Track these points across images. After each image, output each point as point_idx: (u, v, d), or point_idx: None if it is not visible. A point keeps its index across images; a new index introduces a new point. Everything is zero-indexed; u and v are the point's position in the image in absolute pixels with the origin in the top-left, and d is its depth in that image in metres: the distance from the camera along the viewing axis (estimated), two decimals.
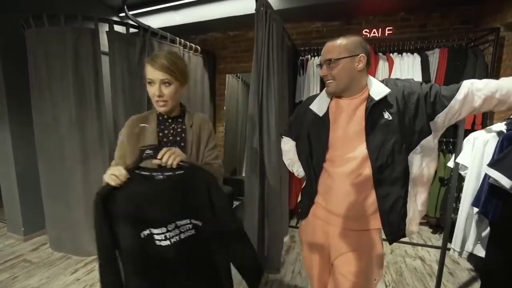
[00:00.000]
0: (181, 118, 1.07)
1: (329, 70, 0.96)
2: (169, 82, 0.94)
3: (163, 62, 0.92)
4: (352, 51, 0.93)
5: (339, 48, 0.94)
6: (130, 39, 2.27)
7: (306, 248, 1.15)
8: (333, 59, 0.93)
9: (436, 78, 2.39)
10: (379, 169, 0.91)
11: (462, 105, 0.86)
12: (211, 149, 1.09)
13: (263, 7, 1.77)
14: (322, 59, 0.99)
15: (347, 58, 0.93)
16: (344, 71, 0.94)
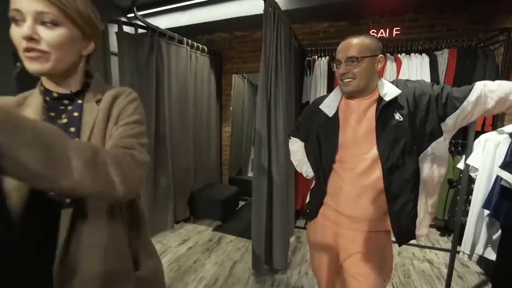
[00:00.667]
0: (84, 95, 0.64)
1: (352, 68, 0.92)
2: (53, 22, 0.53)
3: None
4: (374, 50, 0.92)
5: (362, 46, 0.91)
6: (138, 40, 2.29)
7: (315, 249, 1.14)
8: (359, 57, 0.91)
9: (445, 79, 2.37)
10: (389, 171, 0.90)
11: (475, 107, 0.86)
12: (123, 126, 0.61)
13: (272, 8, 1.77)
14: (342, 56, 0.94)
15: (370, 57, 0.91)
16: (366, 70, 0.92)
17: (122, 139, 0.58)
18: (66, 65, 0.58)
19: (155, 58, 2.41)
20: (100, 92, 0.64)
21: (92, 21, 0.61)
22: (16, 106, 0.60)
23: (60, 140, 0.42)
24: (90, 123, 0.60)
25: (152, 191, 2.52)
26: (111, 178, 0.48)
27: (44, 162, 0.39)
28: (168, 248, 2.41)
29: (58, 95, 0.61)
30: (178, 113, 2.74)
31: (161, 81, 2.51)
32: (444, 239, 2.67)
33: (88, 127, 0.60)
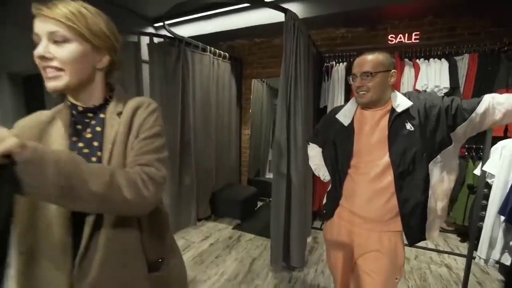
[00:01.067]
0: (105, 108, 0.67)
1: (366, 82, 1.02)
2: (63, 39, 0.57)
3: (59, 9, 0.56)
4: (387, 66, 1.02)
5: (376, 62, 1.01)
6: (167, 49, 2.49)
7: (331, 247, 1.24)
8: (372, 72, 1.01)
9: (465, 84, 2.36)
10: (400, 176, 0.99)
11: (483, 118, 0.92)
12: (143, 139, 0.64)
13: (292, 20, 1.88)
14: (358, 71, 1.04)
15: (383, 72, 1.01)
16: (380, 84, 1.01)
17: (141, 156, 0.62)
18: (81, 79, 0.61)
19: (181, 66, 2.59)
20: (121, 104, 0.67)
21: (105, 35, 0.63)
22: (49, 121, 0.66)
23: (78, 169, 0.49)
24: (111, 137, 0.63)
25: (177, 190, 2.71)
26: (126, 199, 0.54)
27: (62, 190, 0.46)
28: (192, 243, 2.58)
29: (83, 109, 0.65)
30: (202, 118, 2.91)
31: (187, 88, 2.69)
32: (464, 245, 2.64)
33: (110, 141, 0.63)
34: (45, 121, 0.65)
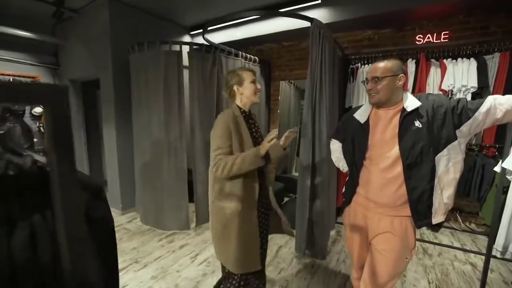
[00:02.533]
0: (250, 115, 1.46)
1: (375, 85, 1.20)
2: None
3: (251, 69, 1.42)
4: (395, 71, 1.18)
5: (384, 68, 1.18)
6: (204, 56, 2.79)
7: (349, 229, 1.42)
8: (380, 77, 1.18)
9: (496, 84, 2.34)
10: (409, 167, 1.14)
11: (486, 117, 1.04)
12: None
13: (317, 28, 2.06)
14: (369, 76, 1.23)
15: (390, 77, 1.18)
16: (387, 87, 1.18)
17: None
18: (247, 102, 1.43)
19: (216, 71, 2.88)
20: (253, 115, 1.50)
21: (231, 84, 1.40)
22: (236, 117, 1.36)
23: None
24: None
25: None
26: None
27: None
28: None
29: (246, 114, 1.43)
30: None
31: (221, 90, 2.98)
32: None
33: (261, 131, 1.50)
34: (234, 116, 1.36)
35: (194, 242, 2.62)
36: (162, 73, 2.65)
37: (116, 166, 3.21)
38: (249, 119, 1.45)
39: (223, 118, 1.33)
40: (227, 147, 1.30)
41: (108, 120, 3.22)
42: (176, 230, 2.86)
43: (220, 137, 1.30)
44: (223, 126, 1.31)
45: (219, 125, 1.32)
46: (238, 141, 1.32)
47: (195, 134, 2.80)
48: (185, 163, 2.79)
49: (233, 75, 1.39)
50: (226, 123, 1.31)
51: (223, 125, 1.31)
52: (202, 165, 2.87)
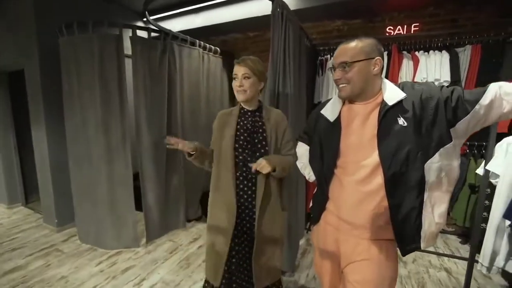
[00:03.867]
0: (258, 112, 1.29)
1: (344, 73, 0.92)
2: (247, 76, 1.20)
3: (247, 61, 1.20)
4: (368, 53, 0.90)
5: (354, 50, 0.90)
6: (151, 43, 2.36)
7: (318, 253, 1.13)
8: (348, 62, 0.90)
9: (467, 77, 2.22)
10: (392, 178, 0.86)
11: (489, 111, 0.79)
12: (288, 141, 1.29)
13: (279, 8, 1.75)
14: (336, 62, 0.95)
15: (363, 61, 0.89)
16: (360, 74, 0.90)
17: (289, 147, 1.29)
18: (252, 96, 1.24)
19: (167, 61, 2.47)
20: (267, 113, 1.29)
21: (263, 72, 1.25)
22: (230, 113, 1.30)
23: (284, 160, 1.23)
24: (269, 132, 1.25)
25: (164, 190, 2.59)
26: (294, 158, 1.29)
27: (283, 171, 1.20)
28: (179, 246, 2.47)
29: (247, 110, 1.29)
30: (190, 114, 2.79)
31: (173, 83, 2.56)
32: (465, 247, 2.51)
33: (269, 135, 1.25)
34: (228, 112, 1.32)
35: (142, 263, 2.20)
36: (97, 62, 2.18)
37: (49, 175, 2.66)
38: (250, 116, 1.29)
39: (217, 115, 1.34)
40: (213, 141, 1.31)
41: (37, 120, 2.66)
42: (122, 248, 2.41)
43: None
44: (214, 123, 1.33)
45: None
46: (218, 139, 1.28)
47: (141, 134, 2.36)
48: (129, 168, 2.35)
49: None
50: (215, 121, 1.32)
51: (214, 123, 1.33)
52: (152, 169, 2.45)
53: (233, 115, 1.28)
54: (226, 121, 1.27)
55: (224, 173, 1.24)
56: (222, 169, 1.25)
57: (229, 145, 1.22)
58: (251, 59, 1.21)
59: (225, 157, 1.23)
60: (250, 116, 1.28)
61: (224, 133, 1.26)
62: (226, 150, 1.23)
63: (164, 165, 2.56)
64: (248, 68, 1.19)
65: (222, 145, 1.25)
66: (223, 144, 1.25)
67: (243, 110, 1.29)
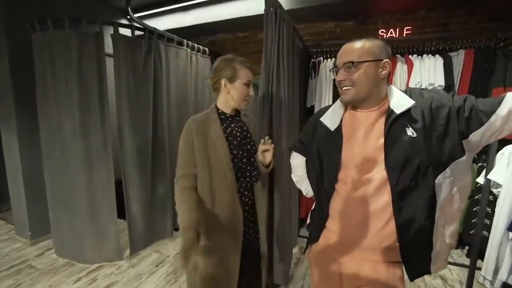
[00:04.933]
0: (238, 117, 1.19)
1: (348, 74, 0.83)
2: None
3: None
4: (377, 55, 0.81)
5: (361, 50, 0.82)
6: (135, 42, 2.21)
7: (316, 275, 1.03)
8: (355, 62, 0.81)
9: (461, 82, 2.20)
10: (400, 195, 0.78)
11: (505, 122, 0.72)
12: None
13: (273, 8, 1.66)
14: (340, 62, 0.86)
15: (371, 62, 0.80)
16: (366, 76, 0.81)
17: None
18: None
19: (153, 61, 2.32)
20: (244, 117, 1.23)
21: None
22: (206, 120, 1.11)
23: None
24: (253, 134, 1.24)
25: (149, 197, 2.44)
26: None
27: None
28: (166, 257, 2.32)
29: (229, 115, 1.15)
30: (178, 117, 2.65)
31: (159, 84, 2.42)
32: (458, 252, 2.49)
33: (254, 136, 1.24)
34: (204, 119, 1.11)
35: (125, 279, 2.04)
36: (75, 61, 2.01)
37: (21, 183, 2.45)
38: (233, 122, 1.17)
39: (187, 123, 1.11)
40: (191, 167, 1.08)
41: (7, 123, 2.44)
42: (103, 262, 2.24)
43: (182, 153, 1.10)
44: (184, 137, 1.09)
45: (181, 136, 1.11)
46: (203, 155, 1.07)
47: (124, 139, 2.21)
48: (111, 175, 2.19)
49: (227, 65, 1.10)
50: (189, 133, 1.08)
51: (184, 136, 1.09)
52: (136, 175, 2.30)
53: (212, 121, 1.11)
54: (206, 131, 1.09)
55: (221, 190, 1.09)
56: (218, 187, 1.09)
57: (225, 158, 1.07)
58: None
59: (221, 173, 1.08)
60: (232, 122, 1.16)
61: (210, 145, 1.08)
62: (222, 164, 1.07)
63: (149, 171, 2.41)
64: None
65: (213, 160, 1.07)
66: (214, 158, 1.07)
67: (224, 115, 1.15)
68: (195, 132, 1.07)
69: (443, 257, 0.83)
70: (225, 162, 1.07)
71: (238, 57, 1.12)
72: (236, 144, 1.12)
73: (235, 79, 1.09)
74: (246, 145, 1.16)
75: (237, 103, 1.12)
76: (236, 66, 1.09)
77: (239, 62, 1.10)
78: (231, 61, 1.09)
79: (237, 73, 1.09)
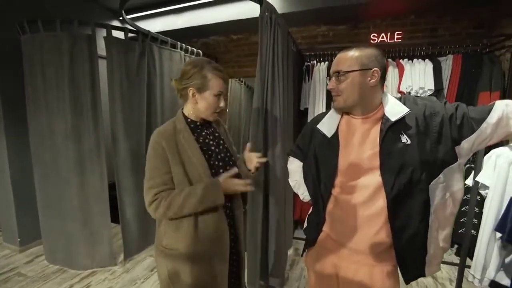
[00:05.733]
0: (208, 123, 1.10)
1: (337, 83, 0.87)
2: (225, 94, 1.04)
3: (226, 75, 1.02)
4: (364, 64, 0.83)
5: (350, 60, 0.85)
6: (128, 44, 2.19)
7: (313, 278, 1.05)
8: (342, 72, 0.84)
9: (449, 86, 2.26)
10: (395, 200, 0.80)
11: (495, 130, 0.76)
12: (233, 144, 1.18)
13: (268, 12, 1.67)
14: (332, 70, 0.90)
15: (357, 72, 0.83)
16: (353, 86, 0.84)
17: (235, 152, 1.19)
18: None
19: (146, 64, 2.30)
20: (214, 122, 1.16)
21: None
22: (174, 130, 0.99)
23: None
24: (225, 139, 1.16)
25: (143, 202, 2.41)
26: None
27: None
28: None
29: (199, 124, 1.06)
30: None
31: (153, 87, 2.40)
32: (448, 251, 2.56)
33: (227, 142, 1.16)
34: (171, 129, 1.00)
35: (119, 285, 2.01)
36: (67, 64, 1.97)
37: (10, 187, 2.38)
38: (204, 129, 1.08)
39: (153, 138, 0.98)
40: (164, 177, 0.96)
41: None
42: (96, 268, 2.20)
43: (153, 163, 0.97)
44: (153, 148, 0.97)
45: (149, 148, 0.98)
46: (180, 171, 0.96)
47: (118, 142, 2.18)
48: (105, 179, 2.16)
49: (196, 73, 0.97)
50: (158, 144, 0.96)
51: (153, 147, 0.97)
52: (129, 179, 2.27)
53: (182, 133, 0.99)
54: (177, 144, 0.97)
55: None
56: None
57: (202, 171, 0.97)
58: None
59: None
60: (203, 130, 1.06)
61: (187, 158, 0.97)
62: (200, 178, 0.97)
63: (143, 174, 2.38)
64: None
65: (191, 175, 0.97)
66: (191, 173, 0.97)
67: (194, 123, 1.04)
68: (166, 147, 0.94)
69: (437, 261, 0.86)
70: (203, 175, 0.97)
71: (211, 63, 0.99)
72: (211, 154, 1.03)
73: (205, 89, 0.97)
74: (220, 154, 1.07)
75: (205, 116, 1.02)
76: (207, 75, 0.96)
77: (211, 70, 0.97)
78: (201, 68, 0.96)
79: (208, 83, 0.96)
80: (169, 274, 1.00)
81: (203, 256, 1.00)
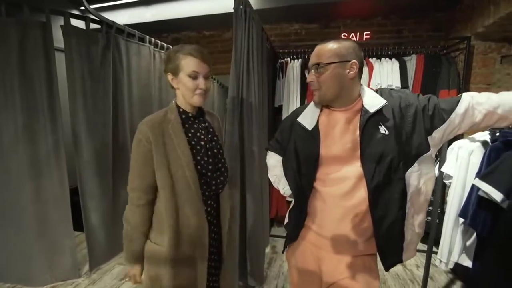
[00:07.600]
0: (202, 117, 1.05)
1: (317, 76, 0.86)
2: (207, 76, 0.96)
3: (207, 55, 0.94)
4: (343, 56, 0.84)
5: (329, 52, 0.84)
6: (90, 36, 2.01)
7: (295, 274, 1.03)
8: (322, 64, 0.84)
9: (414, 84, 2.41)
10: (375, 190, 0.82)
11: (462, 120, 0.80)
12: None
13: (242, 6, 1.63)
14: (310, 63, 0.89)
15: (336, 64, 0.83)
16: (333, 78, 0.84)
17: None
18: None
19: (111, 57, 2.13)
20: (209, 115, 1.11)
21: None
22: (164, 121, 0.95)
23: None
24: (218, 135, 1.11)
25: (110, 206, 2.24)
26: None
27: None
28: None
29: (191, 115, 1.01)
30: (141, 118, 2.44)
31: (120, 83, 2.24)
32: None
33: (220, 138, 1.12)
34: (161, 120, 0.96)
35: None
36: (15, 55, 1.75)
37: None
38: (196, 122, 1.02)
39: (139, 127, 0.94)
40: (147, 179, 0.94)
41: None
42: (58, 282, 1.99)
43: (135, 162, 0.95)
44: (137, 143, 0.93)
45: (134, 141, 0.95)
46: (163, 163, 0.92)
47: (80, 143, 1.99)
48: (65, 184, 1.96)
49: (171, 57, 0.94)
50: (143, 136, 0.92)
51: (137, 142, 0.93)
52: (94, 182, 2.09)
53: (172, 122, 0.95)
54: (164, 134, 0.93)
55: (184, 202, 0.95)
56: (180, 198, 0.94)
57: (187, 166, 0.93)
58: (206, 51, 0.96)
59: (184, 183, 0.93)
60: (196, 123, 1.01)
61: (169, 151, 0.92)
62: (184, 173, 0.92)
63: (110, 177, 2.21)
64: (209, 67, 0.95)
65: (174, 169, 0.93)
66: (175, 166, 0.92)
67: (186, 114, 0.99)
68: (151, 137, 0.90)
69: (413, 246, 0.89)
70: (187, 171, 0.93)
71: (190, 46, 0.94)
72: (200, 149, 0.98)
73: (178, 71, 0.92)
74: (212, 149, 1.02)
75: (188, 100, 0.95)
76: (179, 56, 0.91)
77: (185, 51, 0.91)
78: (177, 51, 0.92)
79: (180, 64, 0.91)
80: (150, 278, 1.00)
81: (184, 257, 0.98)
